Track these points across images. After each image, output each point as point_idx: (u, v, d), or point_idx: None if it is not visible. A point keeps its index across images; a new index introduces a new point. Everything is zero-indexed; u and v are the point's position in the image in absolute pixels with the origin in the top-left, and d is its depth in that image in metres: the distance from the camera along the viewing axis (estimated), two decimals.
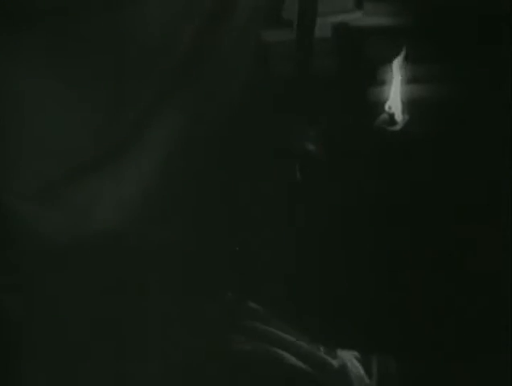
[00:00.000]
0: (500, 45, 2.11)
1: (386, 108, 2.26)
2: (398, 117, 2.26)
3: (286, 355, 1.67)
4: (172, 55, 1.94)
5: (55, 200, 1.67)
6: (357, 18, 2.38)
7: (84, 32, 1.69)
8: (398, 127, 2.26)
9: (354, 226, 2.13)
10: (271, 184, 2.10)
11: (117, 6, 1.76)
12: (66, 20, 1.66)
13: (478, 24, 2.19)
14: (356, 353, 1.75)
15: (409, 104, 2.24)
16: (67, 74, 1.70)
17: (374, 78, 2.26)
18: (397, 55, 2.20)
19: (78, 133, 1.72)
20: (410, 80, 2.22)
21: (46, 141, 1.66)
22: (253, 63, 2.22)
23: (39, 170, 1.64)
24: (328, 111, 2.29)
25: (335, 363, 1.68)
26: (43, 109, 1.65)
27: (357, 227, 2.13)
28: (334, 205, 2.21)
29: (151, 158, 1.87)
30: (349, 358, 1.73)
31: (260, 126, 2.18)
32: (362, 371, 1.67)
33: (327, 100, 2.29)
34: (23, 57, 1.62)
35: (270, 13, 2.25)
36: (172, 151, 1.89)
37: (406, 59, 2.21)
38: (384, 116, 2.27)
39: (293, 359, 1.66)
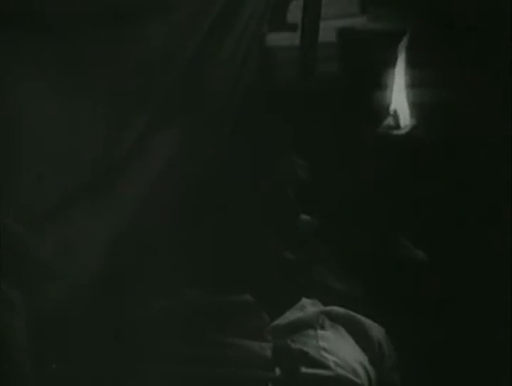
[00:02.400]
0: (503, 48, 2.11)
1: (391, 112, 2.27)
2: (403, 120, 2.27)
3: None
4: (172, 72, 1.95)
5: (51, 226, 1.68)
6: (362, 22, 2.39)
7: (86, 48, 1.72)
8: (402, 131, 2.27)
9: (359, 227, 2.15)
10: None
11: (117, 22, 1.78)
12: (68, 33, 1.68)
13: (482, 28, 2.19)
14: None
15: (413, 108, 2.25)
16: (71, 97, 1.72)
17: (379, 82, 2.26)
18: (401, 59, 2.22)
19: (77, 160, 1.73)
20: (414, 84, 2.23)
21: (47, 165, 1.68)
22: (258, 67, 2.24)
23: (39, 195, 1.66)
24: (333, 114, 2.30)
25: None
26: (45, 134, 1.67)
27: (361, 229, 2.14)
28: (339, 206, 2.22)
29: (146, 180, 1.89)
30: None
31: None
32: None
33: (331, 103, 2.30)
34: (28, 81, 1.64)
35: (274, 17, 2.26)
36: (167, 175, 1.93)
37: (410, 63, 2.22)
38: (389, 120, 2.28)
39: None
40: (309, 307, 1.78)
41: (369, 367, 1.65)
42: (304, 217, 2.18)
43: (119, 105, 1.83)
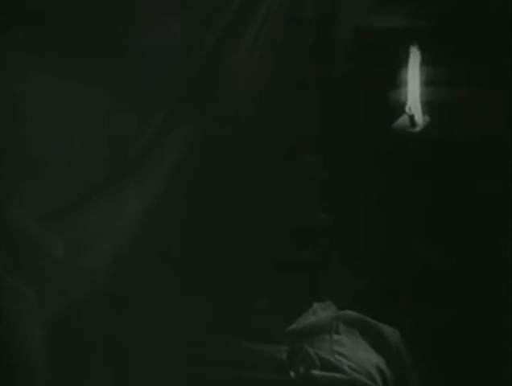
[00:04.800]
0: None
1: (407, 109, 2.26)
2: (419, 118, 2.26)
3: None
4: (188, 70, 1.96)
5: (63, 224, 1.69)
6: (377, 19, 2.38)
7: (95, 46, 1.72)
8: (418, 129, 2.26)
9: (373, 224, 2.15)
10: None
11: (133, 19, 1.78)
12: (76, 32, 1.68)
13: (498, 26, 2.18)
14: None
15: (429, 107, 2.24)
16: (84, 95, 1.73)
17: (394, 79, 2.25)
18: (417, 57, 2.20)
19: (90, 158, 1.75)
20: (430, 81, 2.22)
21: (60, 163, 1.68)
22: (273, 66, 2.23)
23: (51, 193, 1.66)
24: (348, 112, 2.29)
25: None
26: (60, 132, 1.68)
27: (375, 225, 2.15)
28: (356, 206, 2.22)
29: (160, 180, 1.90)
30: None
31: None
32: None
33: (347, 101, 2.30)
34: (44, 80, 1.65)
35: (289, 15, 2.26)
36: (176, 175, 1.93)
37: (426, 61, 2.21)
38: (404, 117, 2.27)
39: None
40: (321, 311, 1.79)
41: (386, 370, 1.65)
42: (321, 216, 2.18)
43: (134, 104, 1.84)
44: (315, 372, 1.60)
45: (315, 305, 1.83)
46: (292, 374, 1.62)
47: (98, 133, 1.77)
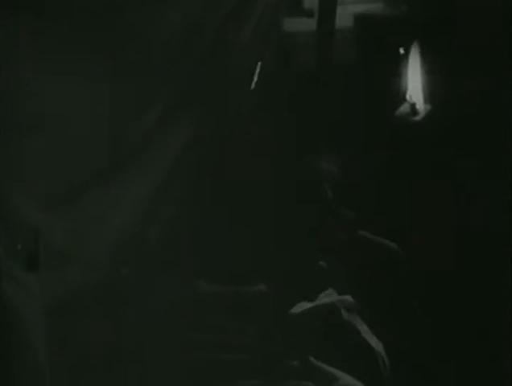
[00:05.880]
0: None
1: (407, 97, 2.27)
2: (420, 106, 2.26)
3: None
4: (190, 59, 1.96)
5: (64, 212, 1.70)
6: (379, 8, 2.38)
7: (90, 37, 1.72)
8: (419, 117, 2.27)
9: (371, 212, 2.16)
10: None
11: (127, 7, 1.78)
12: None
13: (502, 17, 2.18)
14: None
15: (429, 95, 2.24)
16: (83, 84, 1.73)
17: (395, 68, 2.26)
18: (418, 45, 2.21)
19: (92, 146, 1.74)
20: (431, 70, 2.23)
21: (61, 151, 1.69)
22: (274, 54, 2.24)
23: (52, 180, 1.67)
24: (349, 100, 2.30)
25: None
26: (60, 119, 1.68)
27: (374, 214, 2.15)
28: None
29: (162, 168, 1.90)
30: None
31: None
32: None
33: (348, 89, 2.30)
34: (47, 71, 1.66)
35: (291, 3, 2.26)
36: (174, 169, 1.94)
37: (427, 49, 2.21)
38: (405, 105, 2.28)
39: None
40: (322, 297, 1.80)
41: (384, 355, 1.66)
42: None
43: (135, 92, 1.84)
44: None
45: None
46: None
47: (99, 121, 1.77)
